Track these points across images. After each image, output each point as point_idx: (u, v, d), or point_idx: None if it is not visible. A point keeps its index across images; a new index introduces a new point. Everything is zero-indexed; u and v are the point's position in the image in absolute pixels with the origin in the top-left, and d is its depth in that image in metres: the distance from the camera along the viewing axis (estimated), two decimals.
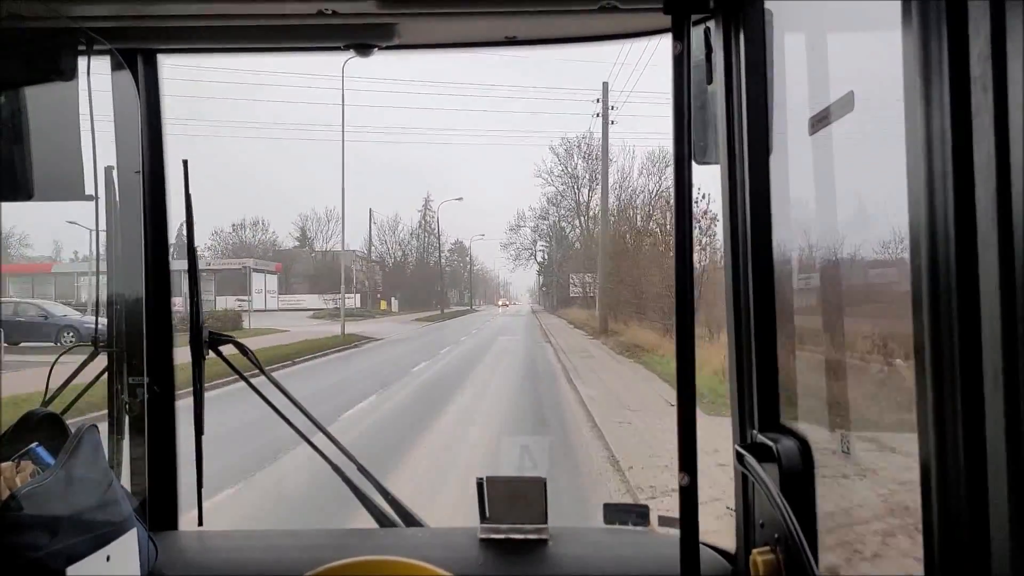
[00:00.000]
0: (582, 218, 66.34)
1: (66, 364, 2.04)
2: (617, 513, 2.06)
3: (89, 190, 2.00)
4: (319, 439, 2.12)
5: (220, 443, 8.44)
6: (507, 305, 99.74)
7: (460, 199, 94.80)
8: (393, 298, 68.78)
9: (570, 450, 10.86)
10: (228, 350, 2.11)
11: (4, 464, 1.47)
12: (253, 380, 2.10)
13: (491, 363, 23.68)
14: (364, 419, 13.11)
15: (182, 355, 2.11)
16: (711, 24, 1.69)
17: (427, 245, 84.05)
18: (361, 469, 2.11)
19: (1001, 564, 0.83)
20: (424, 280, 79.39)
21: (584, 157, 65.23)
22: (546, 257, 73.86)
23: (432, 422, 13.05)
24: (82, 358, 2.07)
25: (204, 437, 2.09)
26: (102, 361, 2.09)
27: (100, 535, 1.43)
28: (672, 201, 1.40)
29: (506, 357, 25.71)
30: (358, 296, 61.05)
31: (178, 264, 2.17)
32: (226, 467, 8.99)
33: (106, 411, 2.09)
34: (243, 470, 9.10)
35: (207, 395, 2.09)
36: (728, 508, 1.77)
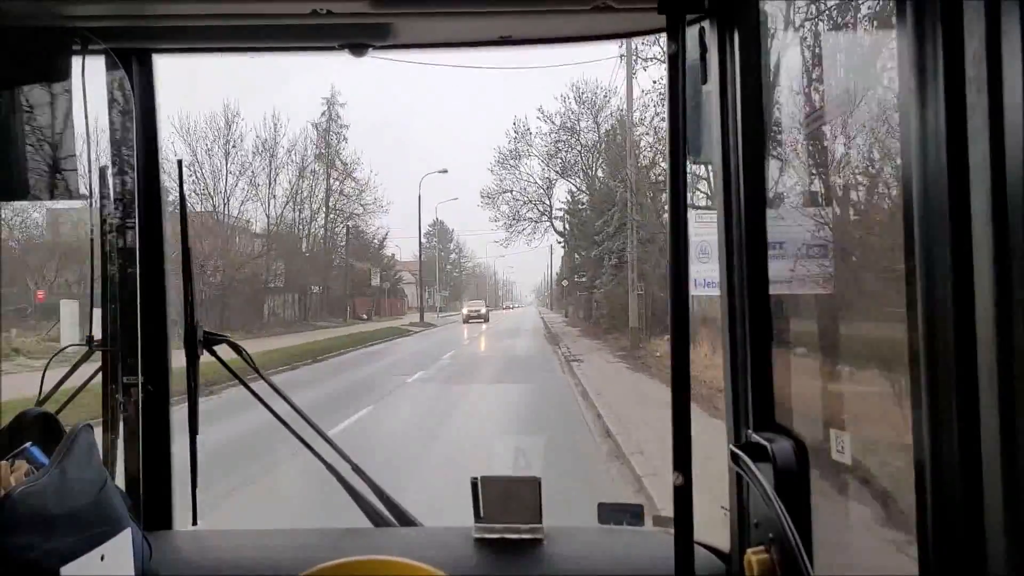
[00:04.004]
0: None
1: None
2: (612, 513, 2.05)
3: (84, 190, 2.00)
4: (313, 437, 2.11)
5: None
6: (478, 317, 52.76)
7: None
8: None
9: None
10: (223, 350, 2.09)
11: None
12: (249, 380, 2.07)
13: None
14: None
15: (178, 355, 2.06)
16: (705, 24, 1.69)
17: (333, 190, 45.82)
18: (355, 469, 2.10)
19: (997, 565, 0.83)
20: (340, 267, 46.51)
21: None
22: (570, 213, 37.29)
23: None
24: (76, 358, 2.06)
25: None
26: (97, 361, 2.08)
27: (94, 534, 1.43)
28: (667, 200, 1.41)
29: None
30: None
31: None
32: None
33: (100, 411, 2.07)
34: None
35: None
36: (723, 508, 1.77)
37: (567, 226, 38.65)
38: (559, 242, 41.77)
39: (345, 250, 49.41)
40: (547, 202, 39.58)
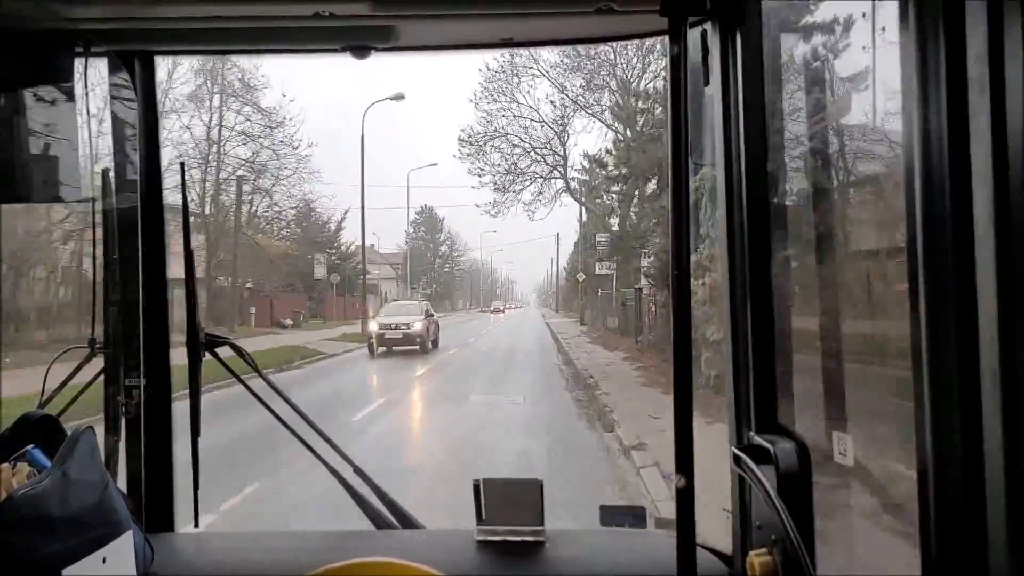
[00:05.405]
0: None
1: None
2: (614, 515, 2.05)
3: (86, 192, 2.00)
4: (315, 441, 2.11)
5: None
6: (402, 340, 26.00)
7: None
8: None
9: None
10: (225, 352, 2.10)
11: (0, 466, 1.46)
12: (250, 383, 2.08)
13: None
14: None
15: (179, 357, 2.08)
16: (708, 26, 1.69)
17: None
18: (357, 471, 2.10)
19: (999, 566, 0.83)
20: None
21: None
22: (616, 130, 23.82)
23: None
24: (78, 360, 2.06)
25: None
26: (98, 363, 2.08)
27: (96, 537, 1.43)
28: (669, 203, 1.41)
29: None
30: None
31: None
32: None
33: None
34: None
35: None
36: (725, 510, 1.77)
37: (601, 171, 22.48)
38: (577, 198, 25.13)
39: (235, 216, 32.18)
40: (561, 152, 24.19)
